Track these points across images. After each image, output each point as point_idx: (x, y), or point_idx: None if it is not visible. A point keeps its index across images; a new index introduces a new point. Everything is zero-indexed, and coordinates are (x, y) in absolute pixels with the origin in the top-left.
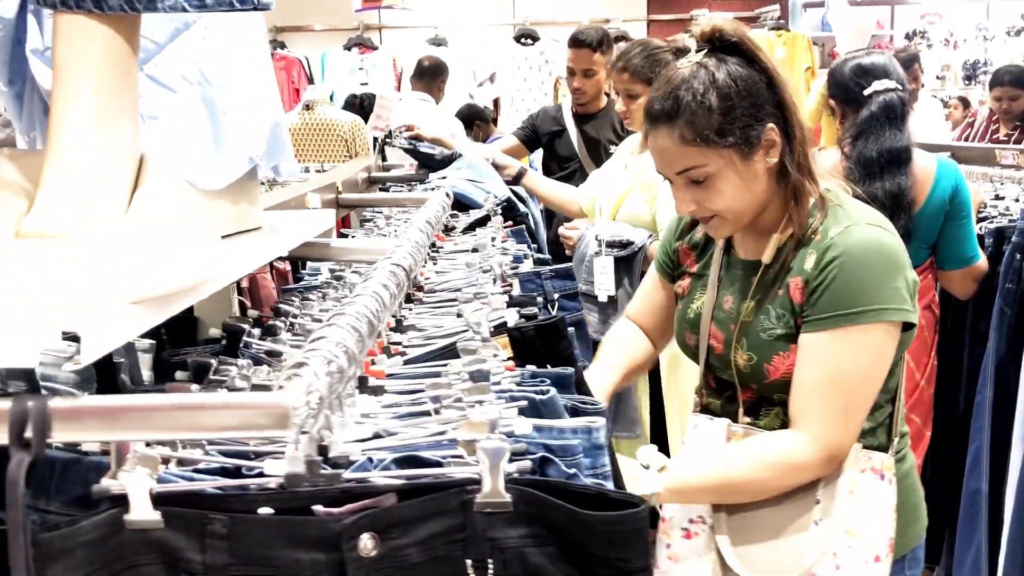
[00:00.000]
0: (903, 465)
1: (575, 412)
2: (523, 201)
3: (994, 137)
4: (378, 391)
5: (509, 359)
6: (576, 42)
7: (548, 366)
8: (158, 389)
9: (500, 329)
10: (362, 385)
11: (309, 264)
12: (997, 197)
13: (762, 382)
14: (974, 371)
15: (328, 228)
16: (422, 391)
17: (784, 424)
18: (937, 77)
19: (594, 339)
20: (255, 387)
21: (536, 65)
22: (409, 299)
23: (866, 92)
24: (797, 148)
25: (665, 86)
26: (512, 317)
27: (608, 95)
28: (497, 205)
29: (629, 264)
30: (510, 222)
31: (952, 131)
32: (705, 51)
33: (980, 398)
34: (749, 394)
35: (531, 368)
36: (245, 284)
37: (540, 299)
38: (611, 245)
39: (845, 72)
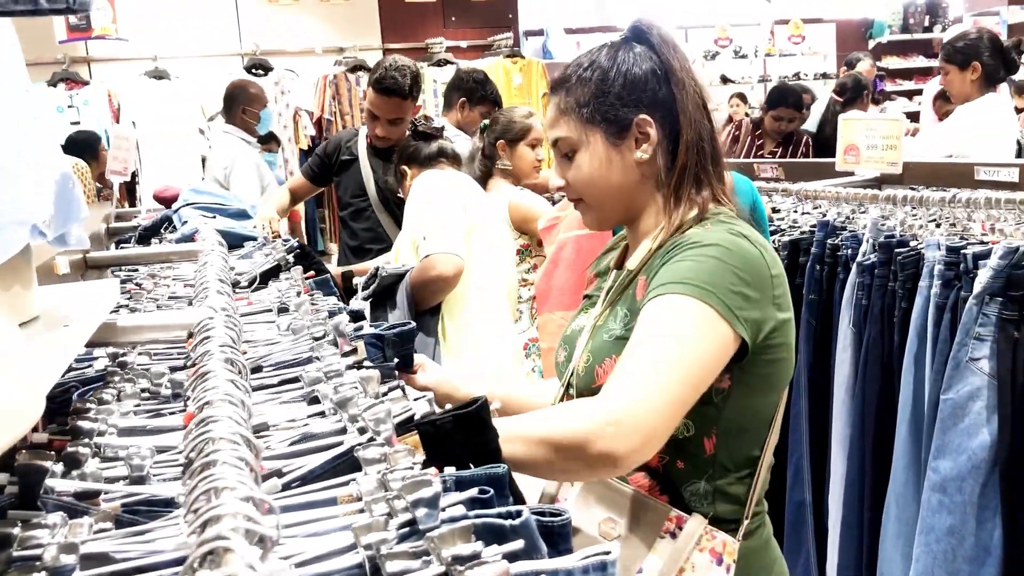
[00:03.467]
0: (752, 542)
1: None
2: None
3: (759, 153)
4: (265, 541)
5: (425, 464)
6: (385, 90)
7: (471, 465)
8: None
9: (406, 425)
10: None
11: None
12: (774, 211)
13: (591, 387)
14: None
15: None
16: (333, 530)
17: None
18: None
19: None
20: (86, 559)
21: (272, 96)
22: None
23: None
24: (685, 152)
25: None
26: (421, 407)
27: None
28: (289, 252)
29: (386, 298)
30: (311, 272)
31: None
32: (622, 39)
33: (795, 409)
34: None
35: (452, 472)
36: None
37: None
38: (366, 284)
39: None
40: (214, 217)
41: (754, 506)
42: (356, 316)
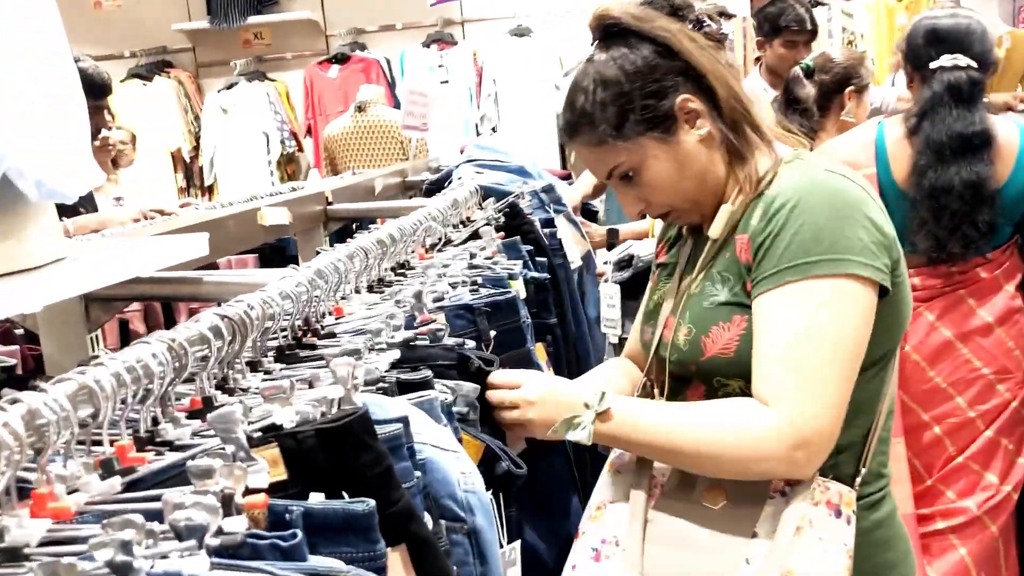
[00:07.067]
0: (875, 513)
1: None
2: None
3: None
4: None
5: (276, 485)
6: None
7: (345, 493)
8: None
9: (270, 432)
10: None
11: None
12: None
13: (698, 360)
14: None
15: (197, 256)
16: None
17: None
18: None
19: None
20: None
21: None
22: (287, 356)
23: (932, 66)
24: (726, 108)
25: (566, 98)
26: (300, 409)
27: None
28: (499, 212)
29: (640, 287)
30: (501, 232)
31: None
32: (595, 44)
33: None
34: (691, 392)
35: (299, 504)
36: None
37: (472, 341)
38: (618, 266)
39: (919, 35)
40: (482, 173)
41: (876, 464)
42: (539, 286)
